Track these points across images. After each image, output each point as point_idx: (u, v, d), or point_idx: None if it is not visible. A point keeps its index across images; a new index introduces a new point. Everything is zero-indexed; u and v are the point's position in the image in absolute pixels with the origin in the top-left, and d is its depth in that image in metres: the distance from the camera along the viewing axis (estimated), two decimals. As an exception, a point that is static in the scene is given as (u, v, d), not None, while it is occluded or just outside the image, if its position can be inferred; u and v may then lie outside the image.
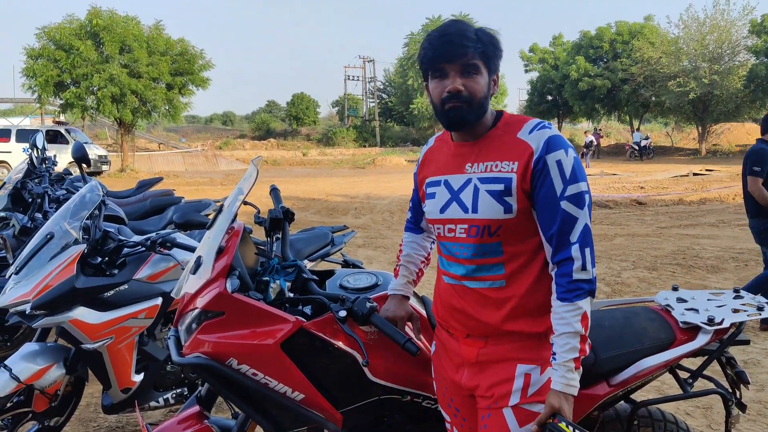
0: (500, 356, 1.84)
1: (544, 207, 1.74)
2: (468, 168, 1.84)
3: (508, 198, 1.75)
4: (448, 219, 1.85)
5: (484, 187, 1.78)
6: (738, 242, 9.54)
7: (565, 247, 1.71)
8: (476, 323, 1.85)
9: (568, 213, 1.71)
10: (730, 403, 2.36)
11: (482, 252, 1.80)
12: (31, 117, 38.65)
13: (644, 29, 39.88)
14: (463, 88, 1.74)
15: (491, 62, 1.79)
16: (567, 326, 1.70)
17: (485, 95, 1.79)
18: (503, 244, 1.79)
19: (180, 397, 3.35)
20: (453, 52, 1.73)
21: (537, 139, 1.75)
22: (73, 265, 2.98)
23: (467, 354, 1.89)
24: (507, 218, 1.76)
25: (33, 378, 2.99)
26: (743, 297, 2.50)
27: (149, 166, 32.20)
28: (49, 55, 24.74)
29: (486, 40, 1.76)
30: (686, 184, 19.46)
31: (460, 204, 1.82)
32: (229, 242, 2.02)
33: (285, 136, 54.04)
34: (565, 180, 1.72)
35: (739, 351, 4.60)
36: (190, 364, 1.90)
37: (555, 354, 1.73)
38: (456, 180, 1.86)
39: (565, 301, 1.71)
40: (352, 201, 16.76)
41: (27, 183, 5.28)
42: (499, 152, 1.79)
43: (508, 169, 1.76)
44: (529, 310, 1.81)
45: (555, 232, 1.73)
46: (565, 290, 1.71)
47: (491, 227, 1.77)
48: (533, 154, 1.73)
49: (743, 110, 35.89)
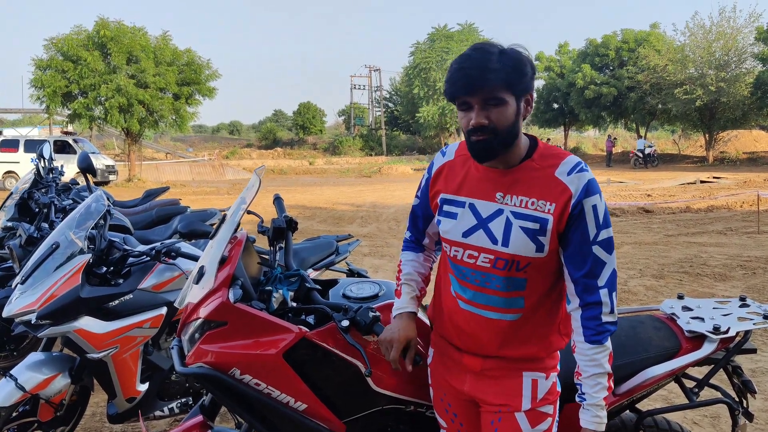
0: (505, 368, 1.88)
1: (576, 250, 1.75)
2: (499, 197, 1.79)
3: (542, 237, 1.74)
4: (473, 245, 1.81)
5: (518, 223, 1.75)
6: (746, 250, 9.48)
7: (594, 291, 1.75)
8: (484, 347, 1.87)
9: (599, 258, 1.74)
10: (737, 413, 2.35)
11: (506, 285, 1.80)
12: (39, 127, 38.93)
13: (650, 37, 39.81)
14: (486, 122, 1.68)
15: (517, 88, 1.69)
16: (597, 367, 1.76)
17: (512, 123, 1.71)
18: (528, 281, 1.80)
19: (185, 407, 3.35)
20: (472, 85, 1.66)
21: (576, 183, 1.73)
22: (78, 274, 2.99)
23: (470, 364, 1.91)
24: (537, 257, 1.76)
25: (38, 387, 3.00)
26: (749, 305, 2.49)
27: (156, 175, 32.31)
28: (57, 65, 24.90)
29: (509, 66, 1.66)
30: (693, 191, 19.38)
31: (489, 233, 1.78)
32: (232, 252, 2.02)
33: (292, 145, 54.20)
34: (598, 225, 1.73)
35: (747, 360, 4.56)
36: (192, 374, 1.91)
37: (585, 395, 1.78)
38: (485, 207, 1.81)
39: (594, 344, 1.75)
40: (358, 210, 16.77)
41: (34, 193, 5.31)
42: (536, 189, 1.76)
43: (545, 209, 1.73)
44: (539, 338, 1.85)
45: (584, 275, 1.75)
46: (594, 333, 1.75)
47: (520, 263, 1.76)
48: (572, 197, 1.72)
49: (750, 117, 35.72)
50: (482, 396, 1.90)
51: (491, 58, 1.66)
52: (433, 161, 2.01)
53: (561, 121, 46.92)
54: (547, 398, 1.87)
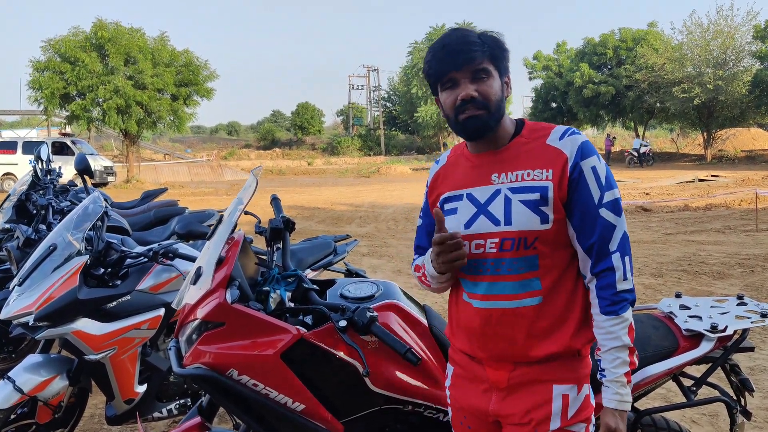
0: (533, 378, 1.73)
1: (582, 216, 1.66)
2: (495, 178, 1.72)
3: (545, 207, 1.66)
4: (476, 234, 1.72)
5: (517, 197, 1.67)
6: (744, 248, 9.49)
7: (606, 257, 1.66)
8: (508, 346, 1.72)
9: (607, 221, 1.66)
10: (735, 411, 2.35)
11: (518, 267, 1.68)
12: (37, 129, 38.92)
13: (648, 35, 39.85)
14: (476, 94, 1.65)
15: (500, 64, 1.70)
16: (615, 340, 1.65)
17: (500, 98, 1.70)
18: (539, 257, 1.68)
19: (183, 408, 3.35)
20: (459, 58, 1.65)
21: (570, 145, 1.68)
22: (75, 276, 2.99)
23: (496, 378, 1.76)
24: (543, 229, 1.66)
25: (36, 389, 2.99)
26: (747, 304, 2.49)
27: (155, 176, 32.30)
28: (54, 67, 24.92)
29: (491, 42, 1.68)
30: (692, 190, 19.40)
31: (490, 216, 1.70)
32: (229, 252, 2.02)
33: (290, 146, 54.21)
34: (601, 187, 1.66)
35: (746, 357, 4.57)
36: (190, 375, 1.91)
37: (604, 371, 1.67)
38: (482, 192, 1.74)
39: (611, 315, 1.65)
40: (356, 210, 16.77)
41: (31, 195, 5.30)
42: (529, 160, 1.70)
43: (542, 177, 1.67)
44: (566, 327, 1.71)
45: (595, 242, 1.66)
46: (609, 303, 1.65)
47: (527, 239, 1.66)
48: (568, 160, 1.66)
49: (748, 115, 35.78)
50: (508, 414, 1.75)
51: (473, 34, 1.69)
52: (429, 175, 1.96)
53: (559, 120, 46.89)
54: (578, 416, 1.72)
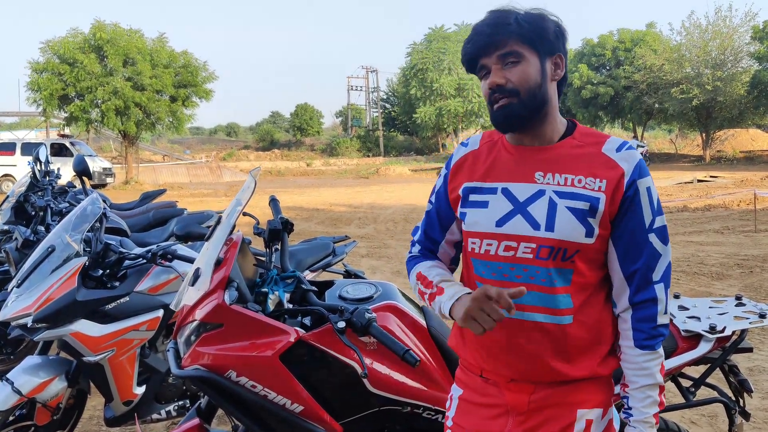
0: (555, 401, 1.58)
1: (631, 239, 1.53)
2: (539, 177, 1.55)
3: (592, 220, 1.51)
4: (510, 234, 1.54)
5: (564, 203, 1.51)
6: (743, 249, 9.50)
7: (648, 286, 1.54)
8: (533, 363, 1.56)
9: (655, 248, 1.54)
10: (734, 412, 2.35)
11: (551, 279, 1.52)
12: (36, 130, 38.90)
13: (646, 36, 39.91)
14: (503, 81, 1.51)
15: (538, 44, 1.52)
16: (648, 377, 1.54)
17: (537, 84, 1.52)
18: (574, 273, 1.54)
19: (182, 410, 3.34)
20: (487, 43, 1.51)
21: (628, 160, 1.52)
22: (74, 277, 2.98)
23: (514, 401, 1.60)
24: (586, 243, 1.51)
25: (35, 391, 2.98)
26: (745, 304, 2.49)
27: (154, 177, 32.29)
28: (53, 68, 24.93)
29: (526, 21, 1.51)
30: (690, 190, 19.42)
31: (529, 218, 1.53)
32: (228, 254, 2.02)
33: (289, 147, 54.18)
34: (654, 210, 1.53)
35: (744, 358, 4.57)
36: (189, 377, 1.91)
37: (631, 409, 1.55)
38: (522, 189, 1.56)
39: (646, 350, 1.53)
40: (355, 211, 16.77)
41: (30, 196, 5.29)
42: (583, 165, 1.54)
43: (594, 186, 1.51)
44: (594, 353, 1.58)
45: (639, 268, 1.54)
46: (647, 337, 1.54)
47: (567, 251, 1.52)
48: (624, 175, 1.51)
49: (747, 116, 35.87)
50: None
51: (507, 15, 1.52)
52: (451, 156, 1.76)
53: (558, 121, 46.90)
54: None
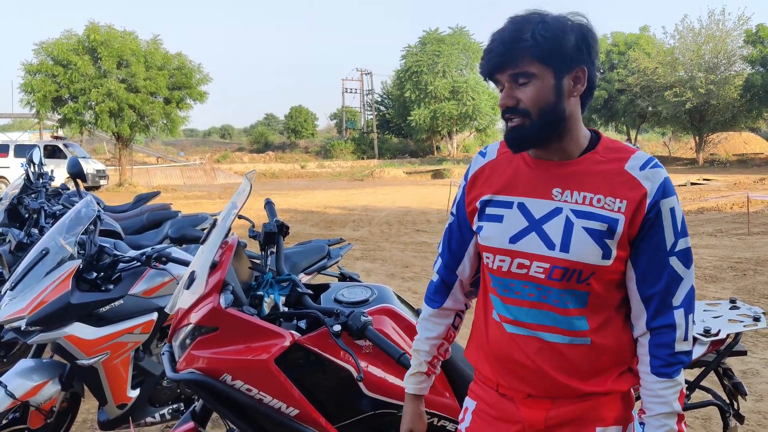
0: (573, 418, 1.53)
1: (651, 262, 1.47)
2: (557, 194, 1.49)
3: (609, 241, 1.45)
4: (522, 252, 1.50)
5: (581, 223, 1.45)
6: (736, 251, 9.54)
7: (667, 311, 1.47)
8: (548, 383, 1.52)
9: (676, 271, 1.46)
10: (728, 415, 2.36)
11: (565, 300, 1.48)
12: (29, 132, 38.75)
13: (640, 40, 40.13)
14: (512, 102, 1.46)
15: (554, 61, 1.43)
16: (665, 406, 1.47)
17: (551, 103, 1.44)
18: (590, 295, 1.48)
19: (176, 413, 3.33)
20: (499, 60, 1.44)
21: (652, 180, 1.45)
22: (68, 280, 2.97)
23: (531, 418, 1.54)
24: (603, 265, 1.46)
25: (28, 395, 2.97)
26: (739, 307, 2.50)
27: (147, 180, 32.20)
28: (47, 70, 24.84)
29: (542, 35, 1.41)
30: (684, 193, 19.49)
31: (543, 237, 1.48)
32: (223, 257, 2.02)
33: (283, 149, 54.15)
34: (677, 232, 1.46)
35: (738, 361, 4.58)
36: (184, 380, 1.90)
37: None
38: (538, 206, 1.51)
39: (663, 377, 1.46)
40: (350, 213, 16.76)
41: (23, 198, 5.27)
42: (603, 184, 1.47)
43: (614, 207, 1.45)
44: (612, 372, 1.53)
45: (658, 293, 1.47)
46: (664, 364, 1.47)
47: (582, 273, 1.46)
48: (647, 196, 1.44)
49: (740, 119, 36.06)
50: None
51: (524, 28, 1.42)
52: (470, 166, 1.69)
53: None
54: None
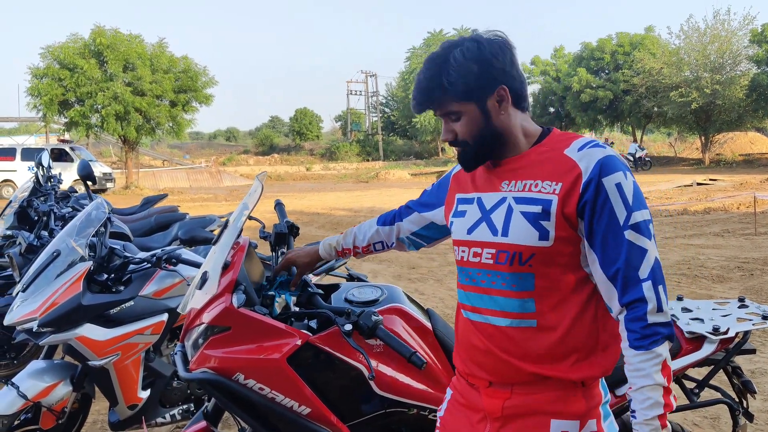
0: (529, 409, 1.58)
1: (605, 239, 1.49)
2: (504, 186, 1.61)
3: (545, 222, 1.51)
4: (475, 241, 1.62)
5: (519, 208, 1.54)
6: (743, 252, 9.51)
7: (635, 286, 1.48)
8: (500, 366, 1.59)
9: (635, 244, 1.48)
10: (737, 413, 2.36)
11: (511, 283, 1.55)
12: (36, 136, 38.91)
13: (645, 40, 39.97)
14: (452, 136, 1.61)
15: (470, 95, 1.55)
16: (646, 378, 1.48)
17: (482, 127, 1.57)
18: (535, 277, 1.54)
19: (186, 413, 3.35)
20: (427, 103, 1.60)
21: (587, 159, 1.50)
22: (79, 282, 3.00)
23: (490, 407, 1.62)
24: (541, 246, 1.52)
25: (40, 395, 2.99)
26: (748, 306, 2.50)
27: (154, 182, 32.32)
28: (53, 74, 24.92)
29: (456, 76, 1.53)
30: (690, 193, 19.44)
31: (490, 225, 1.59)
32: (235, 257, 2.03)
33: (288, 152, 54.25)
34: (628, 206, 1.48)
35: (746, 360, 4.58)
36: (197, 380, 1.92)
37: (635, 412, 1.50)
38: (489, 198, 1.63)
39: (640, 350, 1.48)
40: (356, 215, 16.78)
41: (33, 201, 5.31)
42: (542, 170, 1.56)
43: (549, 189, 1.52)
44: (564, 356, 1.56)
45: (621, 268, 1.48)
46: (639, 337, 1.48)
47: (522, 255, 1.53)
48: (581, 175, 1.49)
49: (746, 119, 35.88)
50: None
51: (435, 75, 1.56)
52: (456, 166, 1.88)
53: (557, 125, 46.97)
54: None
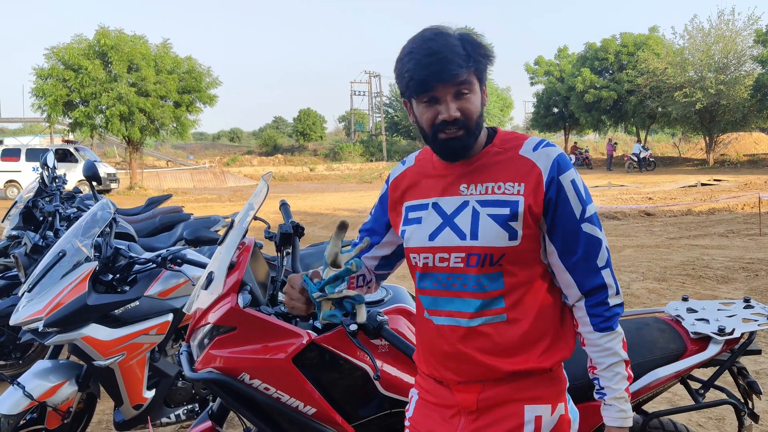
0: (503, 398, 1.62)
1: (565, 233, 1.57)
2: (463, 189, 1.61)
3: (514, 223, 1.54)
4: (441, 247, 1.60)
5: (486, 211, 1.56)
6: (748, 252, 9.49)
7: (595, 274, 1.59)
8: (474, 367, 1.60)
9: (592, 236, 1.58)
10: (743, 414, 2.36)
11: (482, 284, 1.57)
12: (40, 136, 39.03)
13: (649, 40, 39.91)
14: (459, 114, 1.52)
15: (483, 74, 1.57)
16: (614, 356, 1.61)
17: (479, 113, 1.57)
18: (504, 275, 1.58)
19: (191, 413, 3.36)
20: (447, 73, 1.49)
21: (545, 159, 1.57)
22: (84, 282, 3.01)
23: (464, 401, 1.64)
24: (511, 246, 1.55)
25: (46, 395, 3.01)
26: (754, 306, 2.50)
27: (158, 183, 32.40)
28: (57, 74, 24.99)
29: (475, 50, 1.53)
30: (695, 194, 19.40)
31: (456, 229, 1.58)
32: (241, 257, 2.04)
33: (292, 152, 54.29)
34: (582, 201, 1.57)
35: (751, 361, 4.57)
36: (202, 379, 1.92)
37: (604, 389, 1.62)
38: (449, 202, 1.62)
39: (606, 331, 1.60)
40: (359, 215, 16.77)
41: (38, 201, 5.34)
42: (501, 172, 1.59)
43: (513, 191, 1.56)
44: (533, 347, 1.61)
45: (580, 258, 1.58)
46: (604, 320, 1.60)
47: (493, 256, 1.56)
48: (542, 174, 1.55)
49: (750, 120, 35.78)
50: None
51: (456, 40, 1.51)
52: (390, 174, 1.83)
53: (561, 125, 47.05)
54: None
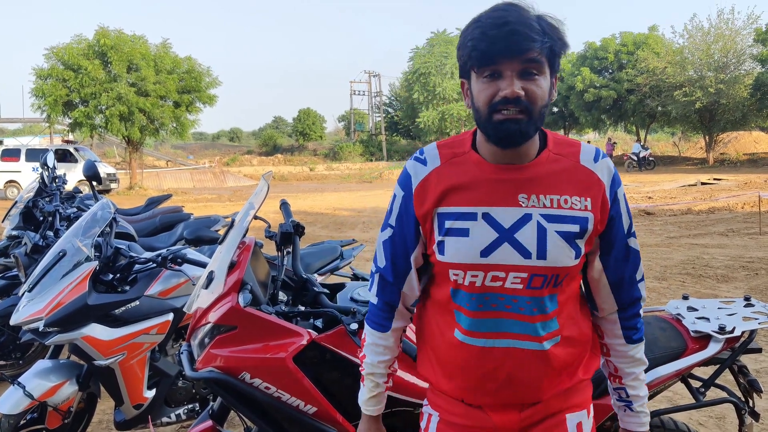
0: (545, 413, 1.54)
1: (617, 250, 1.52)
2: (523, 200, 1.43)
3: (579, 241, 1.44)
4: (497, 264, 1.42)
5: (554, 228, 1.41)
6: (748, 251, 9.49)
7: (633, 286, 1.57)
8: (525, 389, 1.49)
9: (635, 250, 1.56)
10: (743, 412, 2.36)
11: (543, 306, 1.45)
12: (40, 136, 39.02)
13: (649, 39, 39.90)
14: (523, 93, 1.34)
15: (555, 60, 1.39)
16: (642, 365, 1.61)
17: (546, 103, 1.40)
18: (558, 294, 1.48)
19: (192, 413, 3.36)
20: (516, 45, 1.31)
21: (606, 172, 1.47)
22: (85, 282, 3.01)
23: (505, 423, 1.53)
24: (574, 265, 1.45)
25: (46, 395, 3.01)
26: (754, 305, 2.50)
27: (158, 183, 32.40)
28: (57, 75, 24.99)
29: (552, 32, 1.37)
30: (694, 193, 19.39)
31: (517, 247, 1.41)
32: (241, 257, 2.04)
33: (292, 152, 54.28)
34: (629, 215, 1.53)
35: (751, 359, 4.57)
36: (203, 379, 1.93)
37: (630, 398, 1.61)
38: (506, 214, 1.43)
39: (638, 342, 1.60)
40: (359, 215, 16.77)
41: (38, 201, 5.33)
42: (565, 183, 1.44)
43: (580, 206, 1.43)
44: (579, 361, 1.56)
45: (625, 274, 1.55)
46: (637, 332, 1.59)
47: (559, 276, 1.44)
48: (606, 189, 1.46)
49: (750, 119, 35.77)
50: None
51: (532, 16, 1.35)
52: (408, 174, 1.54)
53: (561, 125, 47.04)
54: None
